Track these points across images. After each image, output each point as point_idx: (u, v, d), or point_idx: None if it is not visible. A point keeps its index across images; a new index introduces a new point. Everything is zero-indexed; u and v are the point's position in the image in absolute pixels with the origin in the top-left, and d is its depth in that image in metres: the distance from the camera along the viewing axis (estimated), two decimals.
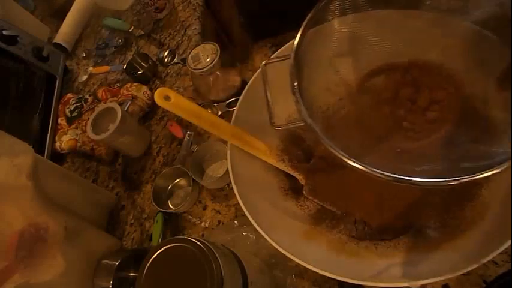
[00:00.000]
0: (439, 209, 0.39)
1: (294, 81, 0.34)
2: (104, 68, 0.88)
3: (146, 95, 0.72)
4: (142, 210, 0.62)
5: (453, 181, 0.27)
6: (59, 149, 0.74)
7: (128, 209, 0.64)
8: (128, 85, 0.74)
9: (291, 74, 0.35)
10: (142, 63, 0.78)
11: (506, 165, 0.26)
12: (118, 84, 0.82)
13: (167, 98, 0.40)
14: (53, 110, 0.81)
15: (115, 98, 0.73)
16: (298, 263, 0.35)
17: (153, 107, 0.73)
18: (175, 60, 0.78)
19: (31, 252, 0.43)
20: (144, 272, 0.32)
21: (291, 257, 0.35)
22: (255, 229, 0.38)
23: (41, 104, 0.80)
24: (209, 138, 0.63)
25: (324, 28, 0.38)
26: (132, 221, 0.62)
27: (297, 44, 0.36)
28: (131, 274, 0.51)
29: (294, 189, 0.47)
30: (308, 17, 0.36)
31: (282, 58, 0.39)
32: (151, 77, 0.78)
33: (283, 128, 0.37)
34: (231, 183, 0.43)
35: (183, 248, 0.32)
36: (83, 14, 1.01)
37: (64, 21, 0.99)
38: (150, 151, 0.68)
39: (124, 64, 0.79)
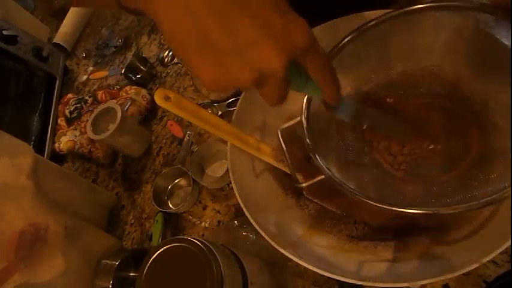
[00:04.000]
0: None
1: (308, 141, 0.35)
2: (102, 74, 0.88)
3: (145, 99, 0.72)
4: (142, 210, 0.62)
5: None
6: (57, 149, 0.74)
7: (128, 209, 0.64)
8: (128, 88, 0.74)
9: (304, 135, 0.36)
10: (141, 67, 0.77)
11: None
12: (118, 87, 0.82)
13: (167, 98, 0.40)
14: (53, 110, 0.81)
15: (114, 101, 0.73)
16: (298, 263, 0.35)
17: (152, 109, 0.73)
18: (176, 60, 0.78)
19: (31, 252, 0.43)
20: (144, 272, 0.32)
21: (291, 257, 0.35)
22: (255, 229, 0.38)
23: (41, 104, 0.80)
24: (209, 138, 0.63)
25: None
26: (132, 221, 0.62)
27: (306, 105, 0.36)
28: (131, 274, 0.51)
29: (294, 189, 0.47)
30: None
31: (294, 121, 0.40)
32: (149, 80, 0.78)
33: (309, 184, 0.38)
34: (231, 183, 0.43)
35: (183, 248, 0.32)
36: (83, 14, 1.01)
37: (64, 21, 0.99)
38: (150, 151, 0.68)
39: (122, 68, 0.79)
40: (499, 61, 0.32)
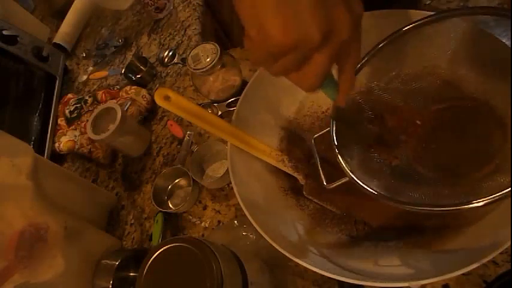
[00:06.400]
0: None
1: (336, 145, 0.37)
2: (102, 73, 0.88)
3: (145, 99, 0.72)
4: (142, 210, 0.62)
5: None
6: (58, 149, 0.74)
7: (128, 209, 0.64)
8: (128, 88, 0.74)
9: (332, 140, 0.38)
10: (141, 67, 0.77)
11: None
12: (118, 87, 0.82)
13: (167, 98, 0.40)
14: (53, 110, 0.81)
15: (114, 101, 0.73)
16: (298, 263, 0.35)
17: (152, 109, 0.73)
18: (175, 60, 0.78)
19: (31, 252, 0.43)
20: (144, 272, 0.32)
21: (291, 257, 0.35)
22: (255, 229, 0.38)
23: (41, 104, 0.80)
24: (209, 138, 0.63)
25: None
26: (132, 221, 0.62)
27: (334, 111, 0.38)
28: (131, 274, 0.51)
29: (294, 189, 0.47)
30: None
31: (326, 130, 0.41)
32: (149, 80, 0.78)
33: (337, 185, 0.39)
34: (231, 183, 0.43)
35: (183, 248, 0.32)
36: (83, 14, 1.01)
37: (64, 21, 0.99)
38: (150, 151, 0.68)
39: (122, 68, 0.79)
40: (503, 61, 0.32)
